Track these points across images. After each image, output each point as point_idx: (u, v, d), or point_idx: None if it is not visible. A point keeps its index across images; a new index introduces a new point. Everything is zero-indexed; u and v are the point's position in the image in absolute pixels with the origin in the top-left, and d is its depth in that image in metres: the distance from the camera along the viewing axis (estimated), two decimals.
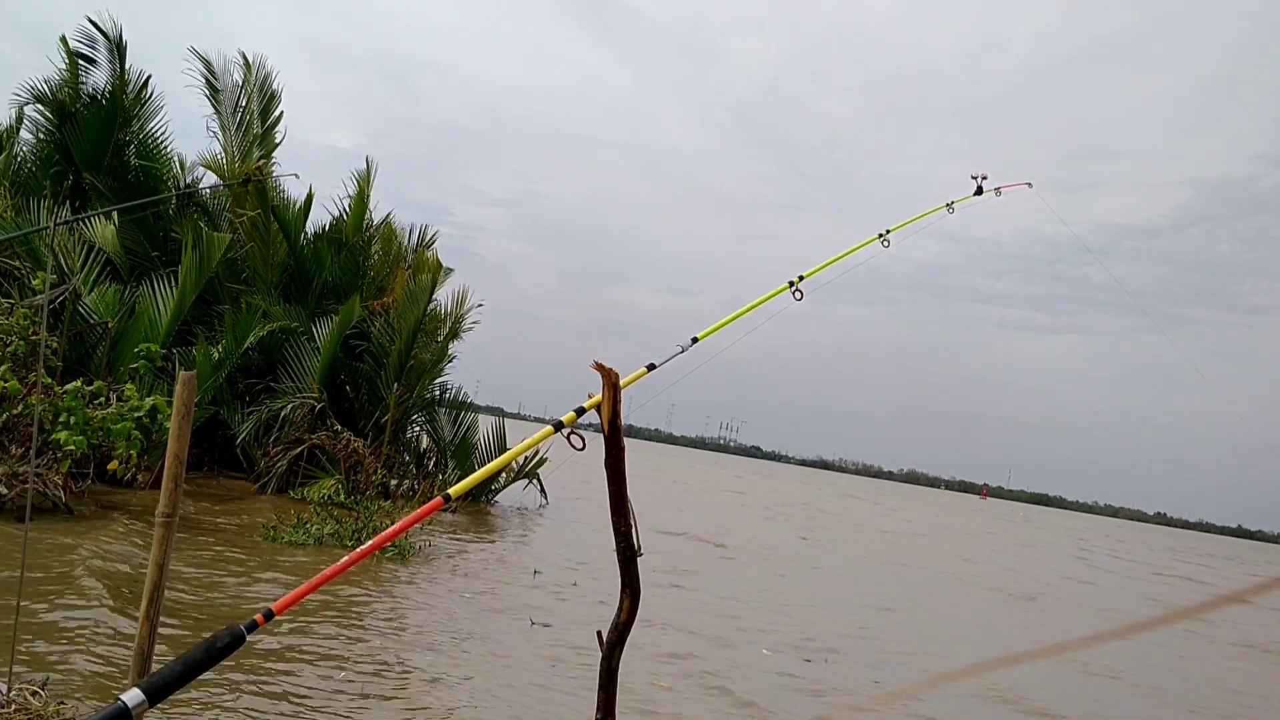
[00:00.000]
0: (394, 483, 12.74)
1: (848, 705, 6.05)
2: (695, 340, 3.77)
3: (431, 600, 7.21)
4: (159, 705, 2.32)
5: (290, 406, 11.92)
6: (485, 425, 14.62)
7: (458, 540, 10.53)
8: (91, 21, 12.04)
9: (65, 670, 4.16)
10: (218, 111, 13.66)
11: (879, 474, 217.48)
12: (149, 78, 12.61)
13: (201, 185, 13.78)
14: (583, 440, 2.99)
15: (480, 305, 14.71)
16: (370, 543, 2.80)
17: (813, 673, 6.69)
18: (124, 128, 12.51)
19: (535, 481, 15.20)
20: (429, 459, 14.21)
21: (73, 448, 7.54)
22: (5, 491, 7.45)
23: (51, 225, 7.13)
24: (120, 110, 12.33)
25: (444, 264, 15.08)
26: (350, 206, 14.49)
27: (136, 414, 8.00)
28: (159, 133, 13.02)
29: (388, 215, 15.14)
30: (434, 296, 13.80)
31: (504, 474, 14.77)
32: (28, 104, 12.23)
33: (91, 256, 10.78)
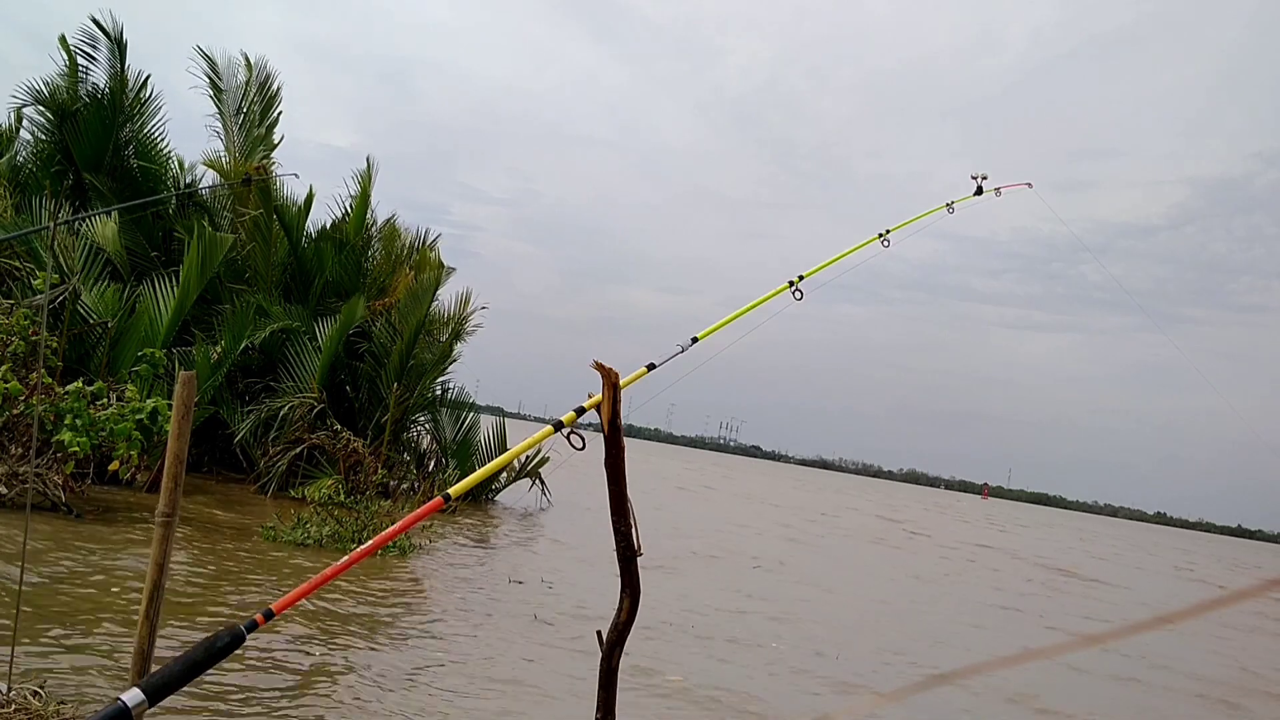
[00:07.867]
0: (394, 483, 12.73)
1: (846, 706, 6.04)
2: (695, 340, 3.77)
3: (429, 599, 7.21)
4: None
5: (290, 406, 11.92)
6: (486, 425, 14.62)
7: (459, 540, 10.52)
8: (94, 20, 12.04)
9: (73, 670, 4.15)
10: (220, 111, 13.65)
11: (879, 473, 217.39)
12: (149, 77, 12.63)
13: (202, 185, 13.76)
14: (583, 440, 2.99)
15: (485, 308, 14.73)
16: (370, 543, 2.80)
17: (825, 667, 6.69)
18: (124, 127, 12.50)
19: (538, 481, 15.18)
20: (429, 459, 14.21)
21: (76, 449, 7.54)
22: (5, 491, 7.45)
23: (51, 225, 7.13)
24: (120, 110, 12.32)
25: (445, 264, 15.08)
26: (351, 206, 14.48)
27: (138, 415, 7.99)
28: (159, 133, 13.03)
29: (391, 215, 15.16)
30: (437, 296, 13.81)
31: (505, 473, 14.77)
32: (28, 105, 12.23)
33: (91, 256, 10.78)
